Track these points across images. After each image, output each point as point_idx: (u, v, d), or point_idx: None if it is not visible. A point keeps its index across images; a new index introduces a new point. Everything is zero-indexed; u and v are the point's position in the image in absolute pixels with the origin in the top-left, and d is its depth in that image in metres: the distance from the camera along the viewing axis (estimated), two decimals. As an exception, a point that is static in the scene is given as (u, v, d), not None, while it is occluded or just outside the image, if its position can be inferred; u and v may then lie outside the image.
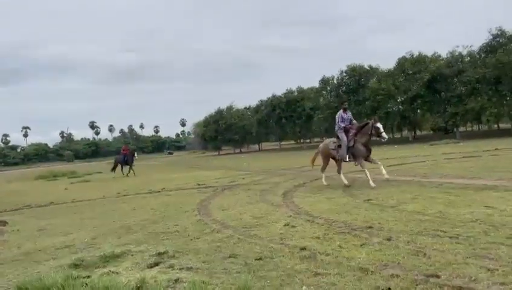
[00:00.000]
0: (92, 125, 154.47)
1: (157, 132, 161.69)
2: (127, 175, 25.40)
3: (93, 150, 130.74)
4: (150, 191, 14.35)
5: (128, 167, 26.29)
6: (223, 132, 71.21)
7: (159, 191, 13.89)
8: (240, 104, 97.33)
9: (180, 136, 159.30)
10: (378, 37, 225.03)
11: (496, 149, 19.87)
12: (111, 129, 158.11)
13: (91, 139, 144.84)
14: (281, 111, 63.07)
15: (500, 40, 41.01)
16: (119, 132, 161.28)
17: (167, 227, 7.19)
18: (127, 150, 27.61)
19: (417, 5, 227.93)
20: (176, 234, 6.56)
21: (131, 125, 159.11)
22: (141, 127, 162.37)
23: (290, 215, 7.18)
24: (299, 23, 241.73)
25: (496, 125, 57.65)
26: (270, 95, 66.98)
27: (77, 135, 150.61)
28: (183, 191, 13.38)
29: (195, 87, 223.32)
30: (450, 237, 4.96)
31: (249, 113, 74.70)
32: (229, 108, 74.62)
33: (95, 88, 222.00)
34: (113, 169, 27.56)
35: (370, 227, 5.80)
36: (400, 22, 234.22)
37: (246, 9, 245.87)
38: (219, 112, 73.75)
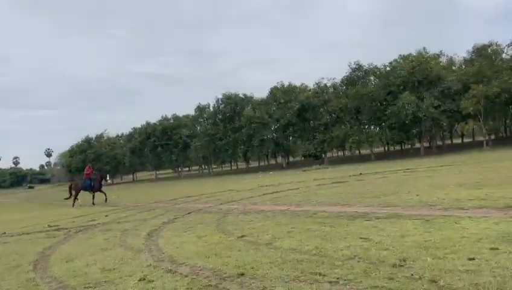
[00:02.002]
0: None
1: (16, 163, 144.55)
2: (102, 202, 20.14)
3: None
4: (-16, 237, 11.65)
5: (92, 194, 20.66)
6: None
7: (-4, 238, 11.33)
8: (116, 132, 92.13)
9: (46, 167, 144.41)
10: (250, 70, 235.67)
11: (360, 174, 21.11)
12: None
13: None
14: (156, 139, 60.78)
15: (358, 74, 45.47)
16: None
17: (-20, 294, 5.39)
18: (91, 171, 21.21)
19: (285, 43, 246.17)
20: (-12, 305, 4.86)
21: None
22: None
23: (150, 265, 5.94)
24: (174, 53, 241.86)
25: (357, 151, 63.26)
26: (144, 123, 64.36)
27: None
28: (28, 235, 11.07)
29: (68, 115, 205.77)
30: (330, 282, 4.35)
31: (121, 142, 70.64)
32: (99, 136, 69.76)
33: None
34: (72, 197, 20.82)
35: (242, 274, 4.95)
36: (270, 58, 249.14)
37: (121, 37, 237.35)
38: (87, 141, 68.46)
